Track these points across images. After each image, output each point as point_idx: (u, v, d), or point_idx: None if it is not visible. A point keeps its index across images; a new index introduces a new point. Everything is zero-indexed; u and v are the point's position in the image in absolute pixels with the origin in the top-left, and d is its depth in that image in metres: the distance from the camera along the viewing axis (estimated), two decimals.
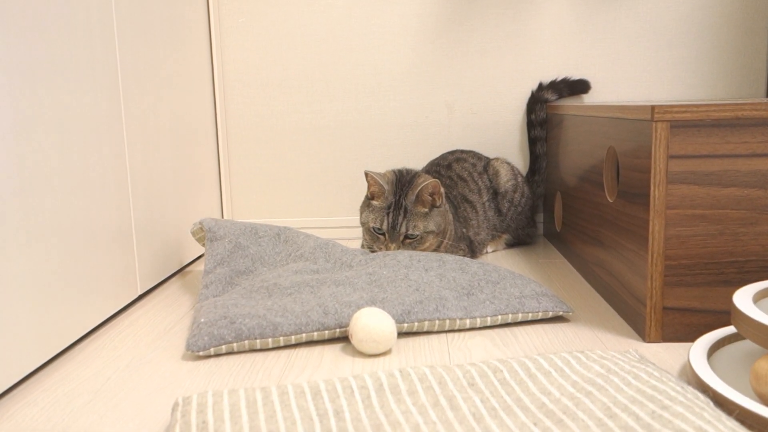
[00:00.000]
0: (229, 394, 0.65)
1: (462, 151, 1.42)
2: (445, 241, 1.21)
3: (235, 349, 0.85)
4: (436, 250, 1.21)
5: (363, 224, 1.22)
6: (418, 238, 1.17)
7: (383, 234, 1.18)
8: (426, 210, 1.17)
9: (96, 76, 0.95)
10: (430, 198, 1.17)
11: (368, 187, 1.21)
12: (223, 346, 0.84)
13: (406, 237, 1.17)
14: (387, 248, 1.18)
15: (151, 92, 1.15)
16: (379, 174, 1.20)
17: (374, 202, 1.20)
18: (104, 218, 0.96)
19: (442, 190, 1.19)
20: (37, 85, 0.80)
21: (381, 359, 0.83)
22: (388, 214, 1.17)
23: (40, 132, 0.80)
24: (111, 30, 1.00)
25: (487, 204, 1.34)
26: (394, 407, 0.62)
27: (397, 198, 1.18)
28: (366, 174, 1.20)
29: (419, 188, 1.16)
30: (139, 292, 1.09)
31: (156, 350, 0.88)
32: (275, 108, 1.53)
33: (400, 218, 1.16)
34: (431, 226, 1.17)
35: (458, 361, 0.81)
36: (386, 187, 1.19)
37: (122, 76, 1.03)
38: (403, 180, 1.20)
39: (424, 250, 1.17)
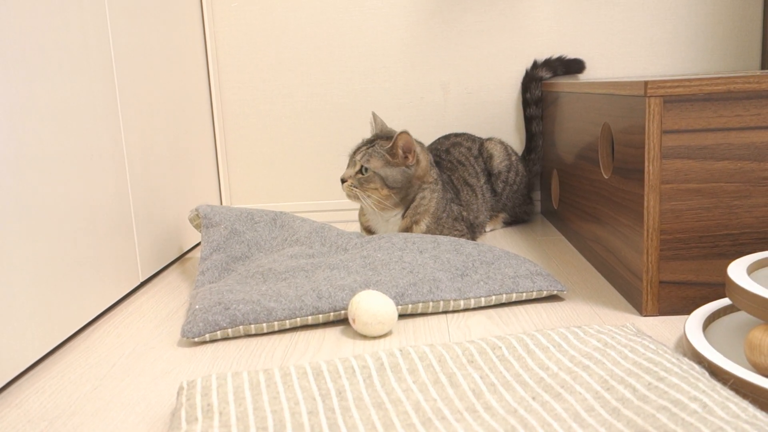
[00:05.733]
0: (233, 376, 0.66)
1: (456, 135, 1.42)
2: (394, 194, 1.20)
3: (230, 335, 0.86)
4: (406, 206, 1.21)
5: None
6: (367, 176, 1.17)
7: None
8: (392, 160, 1.18)
9: (90, 63, 0.95)
10: (402, 153, 1.18)
11: None
12: (218, 332, 0.85)
13: (360, 171, 1.18)
14: (344, 178, 1.20)
15: (145, 80, 1.15)
16: (379, 119, 1.28)
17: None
18: (104, 206, 0.97)
19: (417, 150, 1.20)
20: (32, 70, 0.80)
21: (381, 340, 0.84)
22: (361, 144, 1.23)
23: (36, 120, 0.80)
24: (104, 15, 1.00)
25: (484, 186, 1.35)
26: (395, 386, 0.64)
27: (375, 138, 1.22)
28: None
29: (395, 139, 1.17)
30: (141, 280, 1.10)
31: (159, 336, 0.89)
32: (270, 92, 1.53)
33: (364, 149, 1.20)
34: (383, 172, 1.17)
35: (457, 340, 0.83)
36: (374, 128, 1.27)
37: (116, 62, 1.03)
38: (393, 133, 1.24)
39: (368, 194, 1.18)
